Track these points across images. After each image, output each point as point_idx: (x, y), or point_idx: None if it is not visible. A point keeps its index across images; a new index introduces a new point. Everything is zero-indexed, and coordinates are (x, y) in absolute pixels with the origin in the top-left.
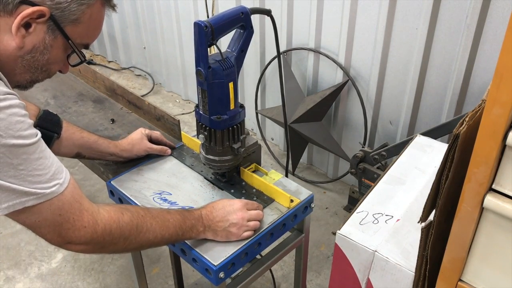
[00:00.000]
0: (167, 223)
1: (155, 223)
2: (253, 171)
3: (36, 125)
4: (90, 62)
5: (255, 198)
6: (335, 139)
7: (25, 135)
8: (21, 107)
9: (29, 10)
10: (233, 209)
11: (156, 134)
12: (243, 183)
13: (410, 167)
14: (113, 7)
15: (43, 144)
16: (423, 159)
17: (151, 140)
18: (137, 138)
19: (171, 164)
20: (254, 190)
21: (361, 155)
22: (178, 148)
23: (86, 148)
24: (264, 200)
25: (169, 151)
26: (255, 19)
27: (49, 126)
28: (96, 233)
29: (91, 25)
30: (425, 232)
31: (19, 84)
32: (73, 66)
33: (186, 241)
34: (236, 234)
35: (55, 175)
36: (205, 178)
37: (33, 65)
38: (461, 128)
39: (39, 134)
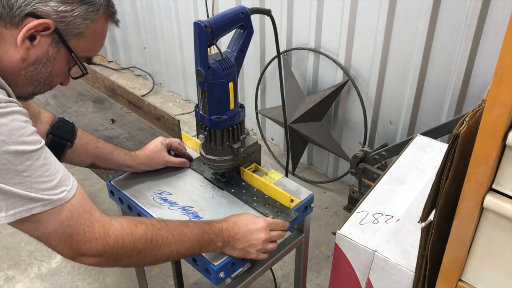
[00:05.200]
0: (184, 237)
1: (171, 237)
2: (253, 171)
3: (49, 133)
4: (90, 62)
5: (267, 205)
6: (335, 139)
7: (28, 141)
8: (23, 114)
9: (35, 22)
10: (256, 229)
11: (176, 144)
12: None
13: (410, 167)
14: (116, 22)
15: (47, 151)
16: (423, 159)
17: (171, 149)
18: (156, 151)
19: None
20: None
21: (361, 155)
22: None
23: (101, 159)
24: (270, 202)
25: (188, 163)
26: (255, 19)
27: (62, 134)
28: (108, 245)
29: (94, 39)
30: (425, 232)
31: (21, 96)
32: (75, 78)
33: None
34: (253, 255)
35: (62, 182)
36: (205, 178)
37: (35, 77)
38: (461, 128)
39: (43, 142)
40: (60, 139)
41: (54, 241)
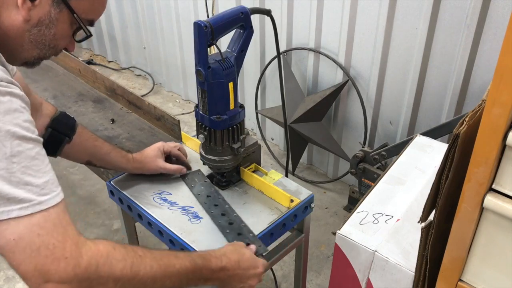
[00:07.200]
0: (172, 269)
1: (156, 266)
2: (253, 171)
3: (48, 126)
4: (90, 62)
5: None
6: (335, 139)
7: (23, 126)
8: (24, 101)
9: None
10: (255, 274)
11: (176, 151)
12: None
13: (410, 167)
14: None
15: (43, 148)
16: (423, 159)
17: (170, 156)
18: (150, 157)
19: None
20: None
21: (361, 155)
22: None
23: (98, 158)
24: (264, 200)
25: (184, 170)
26: (255, 19)
27: (61, 128)
28: (79, 267)
29: (95, 0)
30: (425, 232)
31: (27, 61)
32: (79, 41)
33: (185, 241)
34: None
35: (50, 184)
36: (205, 179)
37: (40, 40)
38: (461, 128)
39: (41, 139)
40: (58, 133)
41: (18, 254)
